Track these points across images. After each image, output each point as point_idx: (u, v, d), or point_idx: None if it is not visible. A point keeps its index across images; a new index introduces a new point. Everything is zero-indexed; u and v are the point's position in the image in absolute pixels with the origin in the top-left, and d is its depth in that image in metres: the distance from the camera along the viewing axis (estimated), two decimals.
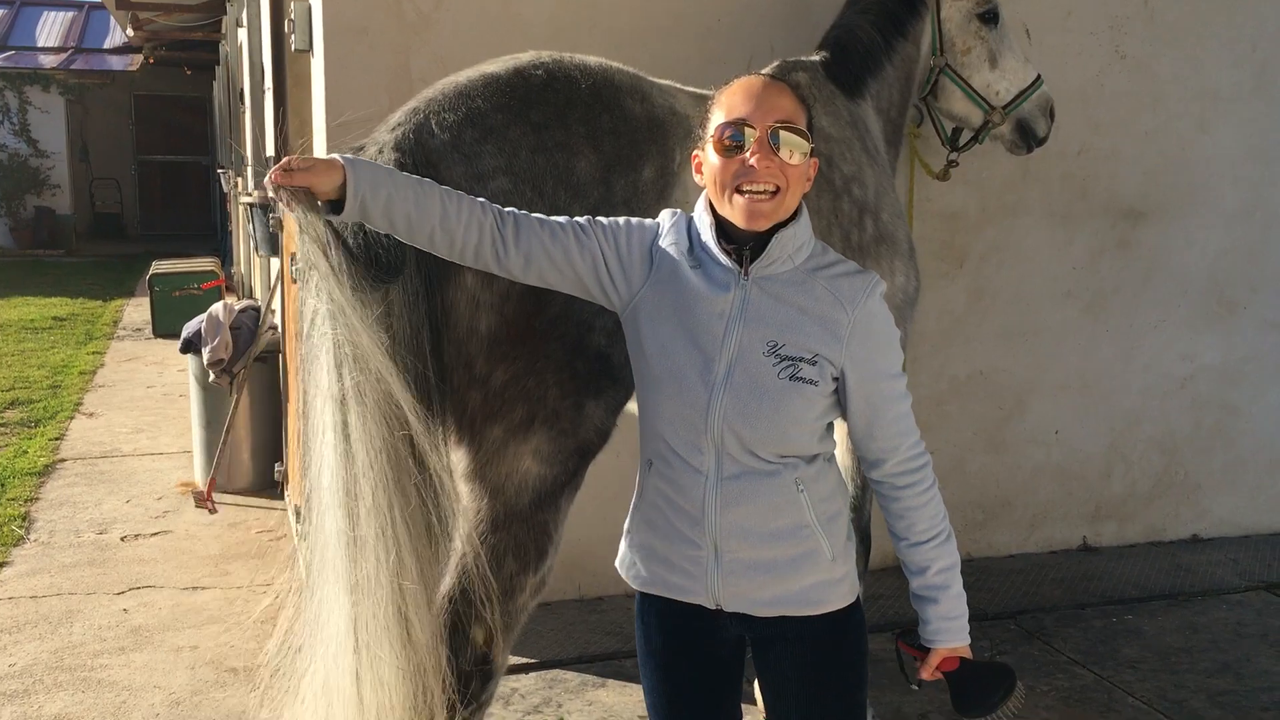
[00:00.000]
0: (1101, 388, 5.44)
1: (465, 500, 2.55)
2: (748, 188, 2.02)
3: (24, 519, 5.68)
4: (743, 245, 2.09)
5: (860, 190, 3.31)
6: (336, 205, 2.05)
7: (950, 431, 5.20)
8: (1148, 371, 5.50)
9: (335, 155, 2.05)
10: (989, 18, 3.95)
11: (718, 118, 2.08)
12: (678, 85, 2.94)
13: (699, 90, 2.98)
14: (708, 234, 2.12)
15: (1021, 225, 5.18)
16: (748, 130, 2.02)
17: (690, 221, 2.20)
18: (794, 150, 2.03)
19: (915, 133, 4.67)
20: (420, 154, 2.41)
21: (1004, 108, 4.03)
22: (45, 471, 6.52)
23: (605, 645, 4.28)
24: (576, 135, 2.53)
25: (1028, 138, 4.18)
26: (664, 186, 2.63)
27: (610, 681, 4.02)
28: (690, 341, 2.08)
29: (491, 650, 2.51)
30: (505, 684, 3.94)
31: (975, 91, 4.01)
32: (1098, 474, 5.51)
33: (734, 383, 2.05)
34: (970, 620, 2.20)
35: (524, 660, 4.13)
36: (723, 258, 2.10)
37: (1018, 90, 4.03)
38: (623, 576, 2.28)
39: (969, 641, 2.20)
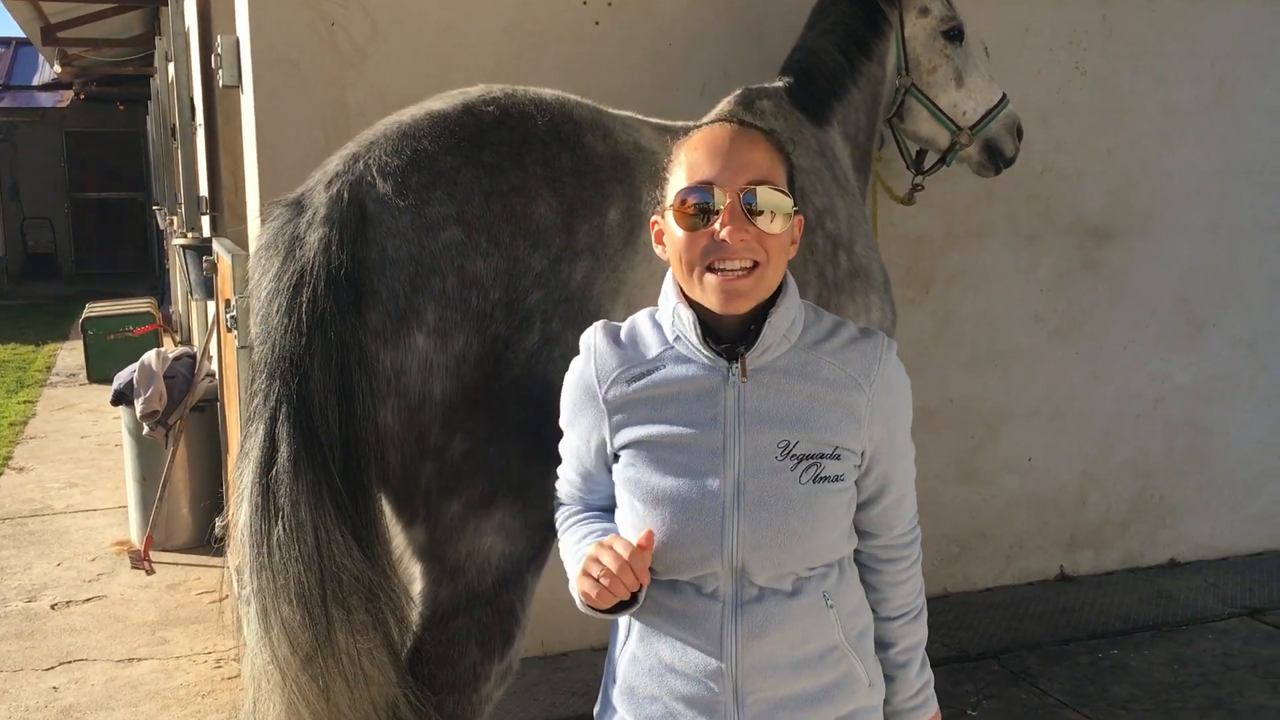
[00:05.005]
0: (1073, 412, 5.29)
1: (420, 583, 2.30)
2: (720, 265, 1.68)
3: None
4: (734, 342, 1.75)
5: (833, 223, 3.11)
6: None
7: (922, 463, 4.86)
8: (1119, 394, 5.36)
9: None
10: (954, 35, 3.81)
11: (678, 180, 1.73)
12: (640, 117, 2.72)
13: (663, 122, 2.76)
14: (689, 329, 1.76)
15: (987, 248, 5.02)
16: (715, 195, 1.67)
17: (634, 324, 1.86)
18: (774, 214, 1.68)
19: (878, 156, 4.50)
20: (356, 217, 2.15)
21: (971, 128, 3.89)
22: None
23: (572, 707, 4.03)
24: (534, 177, 2.29)
25: (996, 159, 4.05)
26: (630, 229, 2.40)
27: None
28: (683, 463, 1.74)
29: None
30: None
31: (942, 112, 3.87)
32: (1072, 501, 5.35)
33: (749, 499, 1.72)
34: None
35: None
36: (707, 357, 1.75)
37: (985, 110, 3.90)
38: None
39: (935, 710, 2.02)
